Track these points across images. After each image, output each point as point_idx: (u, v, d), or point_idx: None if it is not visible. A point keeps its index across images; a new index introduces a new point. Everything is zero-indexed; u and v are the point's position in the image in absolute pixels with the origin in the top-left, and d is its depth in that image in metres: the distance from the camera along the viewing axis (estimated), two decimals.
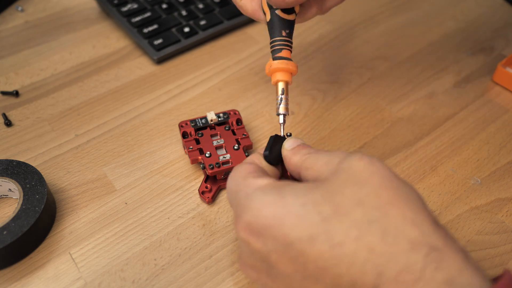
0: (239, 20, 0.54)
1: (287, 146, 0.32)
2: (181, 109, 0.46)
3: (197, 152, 0.39)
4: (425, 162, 0.41)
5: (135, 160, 0.41)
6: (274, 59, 0.34)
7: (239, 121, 0.42)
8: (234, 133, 0.41)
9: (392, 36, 0.54)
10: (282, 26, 0.35)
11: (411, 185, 0.27)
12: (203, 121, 0.41)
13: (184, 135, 0.40)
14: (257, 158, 0.32)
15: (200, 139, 0.40)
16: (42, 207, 0.34)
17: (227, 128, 0.41)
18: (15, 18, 0.55)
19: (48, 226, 0.36)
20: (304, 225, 0.25)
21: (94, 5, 0.57)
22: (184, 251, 0.35)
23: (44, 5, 0.57)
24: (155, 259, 0.34)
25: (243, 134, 0.41)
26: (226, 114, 0.42)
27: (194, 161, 0.39)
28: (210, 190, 0.38)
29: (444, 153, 0.42)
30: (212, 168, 0.37)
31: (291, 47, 0.35)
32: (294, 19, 0.36)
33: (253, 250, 0.27)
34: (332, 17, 0.57)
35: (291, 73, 0.35)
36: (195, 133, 0.40)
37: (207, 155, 0.38)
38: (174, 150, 0.42)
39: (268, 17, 0.35)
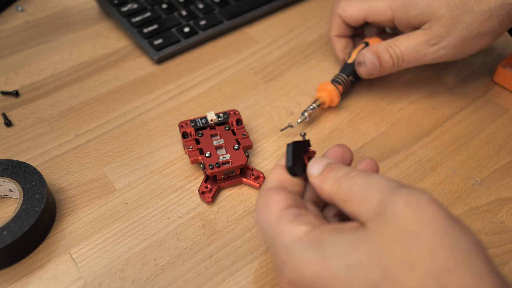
0: (239, 20, 0.54)
1: (313, 172, 0.29)
2: (181, 109, 0.46)
3: (197, 152, 0.39)
4: (425, 162, 0.41)
5: (135, 160, 0.41)
6: (331, 82, 0.44)
7: (239, 121, 0.42)
8: (234, 133, 0.41)
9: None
10: (353, 74, 0.45)
11: (470, 231, 0.24)
12: (203, 121, 0.41)
13: (184, 135, 0.40)
14: (280, 174, 0.30)
15: (200, 139, 0.40)
16: (42, 207, 0.34)
17: (227, 128, 0.41)
18: (15, 18, 0.55)
19: (48, 226, 0.36)
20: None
21: (94, 5, 0.57)
22: (184, 251, 0.35)
23: (44, 5, 0.57)
24: (155, 259, 0.34)
25: (243, 134, 0.41)
26: (226, 114, 0.42)
27: (194, 161, 0.39)
28: (210, 190, 0.38)
29: (444, 153, 0.42)
30: (212, 168, 0.37)
31: (345, 88, 0.45)
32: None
33: None
34: None
35: (332, 100, 0.44)
36: (195, 133, 0.40)
37: (207, 155, 0.38)
38: (174, 150, 0.42)
39: (351, 61, 0.45)
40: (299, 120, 0.42)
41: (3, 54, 0.51)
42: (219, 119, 0.41)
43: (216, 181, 0.39)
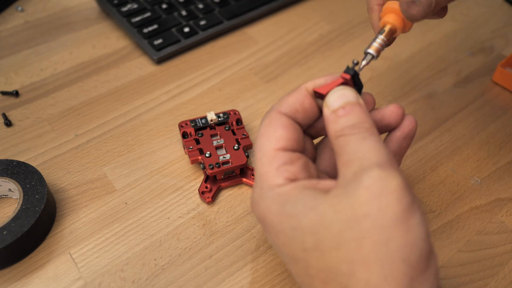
0: (239, 20, 0.54)
1: (330, 102, 0.28)
2: (181, 109, 0.46)
3: (197, 152, 0.39)
4: (425, 162, 0.41)
5: (135, 160, 0.41)
6: None
7: (239, 121, 0.42)
8: (234, 133, 0.41)
9: None
10: None
11: (417, 236, 0.23)
12: (203, 121, 0.41)
13: (184, 135, 0.40)
14: (301, 97, 0.29)
15: (200, 139, 0.40)
16: (42, 207, 0.34)
17: (227, 128, 0.41)
18: (15, 18, 0.55)
19: (48, 226, 0.36)
20: (291, 247, 0.26)
21: (94, 5, 0.57)
22: (184, 251, 0.35)
23: (44, 5, 0.57)
24: (155, 259, 0.34)
25: (243, 134, 0.41)
26: (226, 114, 0.42)
27: (194, 161, 0.39)
28: (210, 190, 0.38)
29: (444, 153, 0.42)
30: (212, 168, 0.37)
31: None
32: None
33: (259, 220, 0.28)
34: (332, 17, 0.57)
35: (405, 23, 0.32)
36: (195, 133, 0.40)
37: (207, 155, 0.38)
38: (174, 150, 0.42)
39: None
40: (363, 63, 0.31)
41: (3, 54, 0.51)
42: (219, 119, 0.41)
43: (216, 181, 0.39)
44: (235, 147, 0.39)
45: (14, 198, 0.38)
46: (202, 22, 0.53)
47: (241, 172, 0.39)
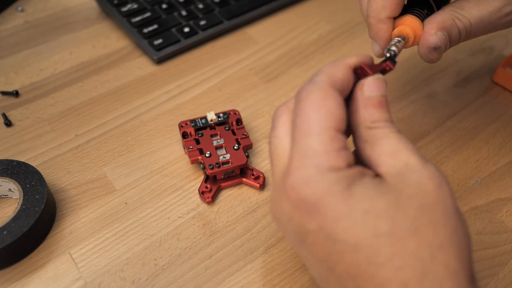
0: (239, 20, 0.54)
1: (368, 88, 0.27)
2: (181, 109, 0.46)
3: (197, 152, 0.39)
4: None
5: (135, 160, 0.41)
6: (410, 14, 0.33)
7: (239, 121, 0.42)
8: (234, 133, 0.41)
9: None
10: (428, 8, 0.34)
11: (466, 225, 0.25)
12: (203, 121, 0.41)
13: (184, 135, 0.40)
14: (348, 72, 0.27)
15: (200, 139, 0.40)
16: (42, 207, 0.34)
17: (227, 128, 0.41)
18: (15, 18, 0.55)
19: (48, 226, 0.36)
20: (356, 233, 0.24)
21: (94, 5, 0.57)
22: (184, 251, 0.35)
23: (44, 5, 0.57)
24: (155, 259, 0.34)
25: (243, 134, 0.41)
26: (226, 114, 0.42)
27: (194, 161, 0.39)
28: (210, 190, 0.38)
29: (444, 153, 0.42)
30: (212, 168, 0.37)
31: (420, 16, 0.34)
32: None
33: (295, 222, 0.25)
34: (332, 17, 0.57)
35: (416, 35, 0.33)
36: (195, 133, 0.40)
37: (207, 155, 0.38)
38: (174, 150, 0.42)
39: None
40: (388, 54, 0.32)
41: (3, 54, 0.51)
42: (219, 119, 0.41)
43: (216, 181, 0.39)
44: (235, 147, 0.39)
45: (14, 198, 0.38)
46: (202, 22, 0.53)
47: (241, 172, 0.39)
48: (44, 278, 0.33)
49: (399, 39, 0.32)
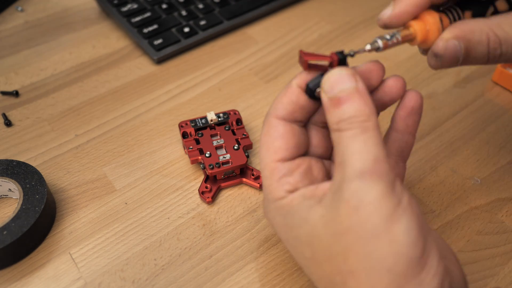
0: (239, 20, 0.54)
1: (327, 88, 0.25)
2: (181, 109, 0.46)
3: (197, 152, 0.39)
4: (425, 162, 0.41)
5: (135, 160, 0.41)
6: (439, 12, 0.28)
7: (239, 121, 0.42)
8: (234, 133, 0.41)
9: None
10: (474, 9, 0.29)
11: (405, 239, 0.23)
12: (203, 121, 0.41)
13: (184, 135, 0.40)
14: (295, 97, 0.28)
15: (200, 139, 0.40)
16: (42, 207, 0.34)
17: (227, 128, 0.41)
18: (15, 18, 0.55)
19: (48, 226, 0.36)
20: (294, 254, 0.28)
21: (94, 5, 0.57)
22: (184, 251, 0.35)
23: (44, 5, 0.57)
24: (155, 259, 0.34)
25: (243, 134, 0.41)
26: (226, 114, 0.42)
27: (194, 161, 0.39)
28: (210, 190, 0.38)
29: (444, 153, 0.42)
30: (212, 168, 0.37)
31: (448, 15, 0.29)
32: None
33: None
34: (332, 17, 0.57)
35: (427, 37, 0.28)
36: (195, 133, 0.40)
37: (207, 155, 0.38)
38: (174, 150, 0.42)
39: None
40: (367, 47, 0.27)
41: (3, 54, 0.51)
42: (219, 119, 0.41)
43: (216, 181, 0.39)
44: (235, 147, 0.39)
45: (14, 198, 0.38)
46: (202, 22, 0.53)
47: (241, 172, 0.39)
48: (44, 278, 0.33)
49: (394, 33, 0.28)
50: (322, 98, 0.26)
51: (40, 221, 0.34)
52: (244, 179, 0.39)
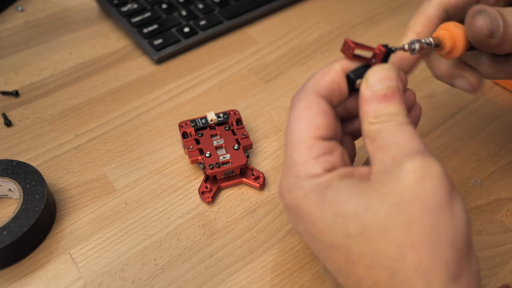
0: (239, 20, 0.54)
1: (372, 82, 0.26)
2: (181, 109, 0.46)
3: (197, 152, 0.39)
4: None
5: (135, 160, 0.41)
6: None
7: (239, 121, 0.42)
8: (234, 133, 0.41)
9: (392, 36, 0.54)
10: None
11: (460, 220, 0.24)
12: (203, 121, 0.41)
13: (184, 135, 0.40)
14: (337, 77, 0.27)
15: (200, 139, 0.40)
16: (42, 207, 0.34)
17: (227, 128, 0.41)
18: (15, 18, 0.55)
19: (48, 226, 0.36)
20: (330, 234, 0.25)
21: (94, 5, 0.57)
22: (184, 251, 0.35)
23: (44, 5, 0.57)
24: (155, 259, 0.34)
25: (243, 134, 0.41)
26: (226, 114, 0.42)
27: (194, 161, 0.39)
28: (210, 190, 0.38)
29: (444, 153, 0.42)
30: (212, 168, 0.37)
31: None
32: None
33: (290, 220, 0.30)
34: (332, 17, 0.57)
35: (454, 47, 0.29)
36: (195, 133, 0.40)
37: (207, 155, 0.38)
38: (174, 150, 0.42)
39: None
40: (406, 47, 0.28)
41: (3, 54, 0.51)
42: (219, 119, 0.41)
43: (216, 181, 0.39)
44: (235, 147, 0.39)
45: (14, 198, 0.38)
46: (202, 22, 0.53)
47: (241, 172, 0.39)
48: (44, 278, 0.33)
49: (429, 40, 0.29)
50: (362, 90, 0.27)
51: (40, 221, 0.34)
52: (244, 179, 0.39)
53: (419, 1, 0.60)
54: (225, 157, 0.38)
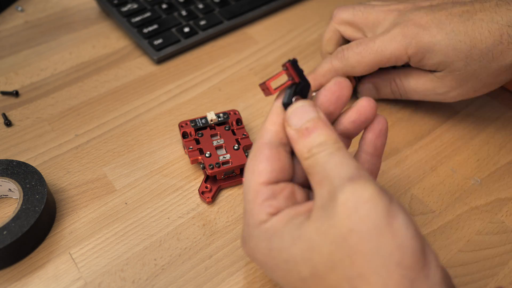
0: (239, 20, 0.54)
1: (292, 121, 0.27)
2: (181, 109, 0.46)
3: (197, 152, 0.39)
4: (425, 162, 0.41)
5: (135, 160, 0.41)
6: None
7: (239, 121, 0.42)
8: (234, 133, 0.41)
9: None
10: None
11: (403, 236, 0.23)
12: (203, 121, 0.41)
13: (184, 135, 0.40)
14: (278, 118, 0.28)
15: (200, 139, 0.40)
16: (42, 207, 0.34)
17: (227, 128, 0.41)
18: (15, 18, 0.56)
19: (48, 226, 0.36)
20: (287, 279, 0.26)
21: (94, 5, 0.57)
22: (184, 251, 0.35)
23: (44, 5, 0.57)
24: (155, 259, 0.34)
25: (243, 134, 0.41)
26: (226, 114, 0.42)
27: (194, 161, 0.39)
28: (210, 190, 0.38)
29: (444, 153, 0.42)
30: (212, 168, 0.37)
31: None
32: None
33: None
34: None
35: None
36: (195, 133, 0.40)
37: (207, 155, 0.38)
38: (174, 150, 0.42)
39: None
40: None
41: (3, 54, 0.51)
42: (219, 119, 0.41)
43: (216, 181, 0.39)
44: (235, 147, 0.39)
45: (14, 198, 0.38)
46: (202, 22, 0.53)
47: (241, 172, 0.39)
48: (44, 278, 0.33)
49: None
50: (288, 132, 0.28)
51: (40, 221, 0.34)
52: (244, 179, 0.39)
53: None
54: (225, 157, 0.38)
